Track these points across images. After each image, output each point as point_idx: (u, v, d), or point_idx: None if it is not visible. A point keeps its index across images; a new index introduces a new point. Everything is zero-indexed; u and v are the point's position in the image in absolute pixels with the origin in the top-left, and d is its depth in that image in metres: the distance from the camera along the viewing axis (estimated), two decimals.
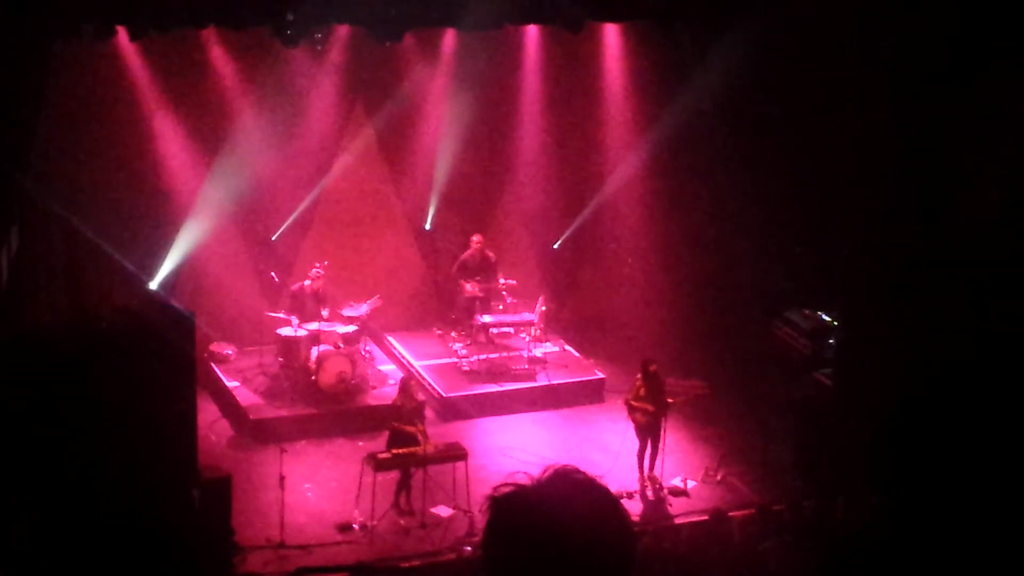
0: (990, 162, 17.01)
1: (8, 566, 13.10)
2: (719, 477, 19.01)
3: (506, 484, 3.21)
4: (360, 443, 19.30)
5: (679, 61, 21.47)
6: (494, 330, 22.23)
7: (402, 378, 19.22)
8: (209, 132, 21.27)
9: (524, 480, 3.21)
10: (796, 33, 19.34)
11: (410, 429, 17.66)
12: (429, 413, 19.13)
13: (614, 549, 3.14)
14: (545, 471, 3.23)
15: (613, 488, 3.29)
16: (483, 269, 22.37)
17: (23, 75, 17.64)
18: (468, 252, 22.42)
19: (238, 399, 20.44)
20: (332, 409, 20.19)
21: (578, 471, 3.24)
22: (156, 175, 20.88)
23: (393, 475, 17.69)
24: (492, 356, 21.92)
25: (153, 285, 20.43)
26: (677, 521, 17.88)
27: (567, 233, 23.97)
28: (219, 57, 20.98)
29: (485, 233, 22.88)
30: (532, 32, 22.62)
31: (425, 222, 23.57)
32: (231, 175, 21.38)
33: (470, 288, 22.17)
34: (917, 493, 14.90)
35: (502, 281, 22.29)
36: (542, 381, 21.60)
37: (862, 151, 18.65)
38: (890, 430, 15.83)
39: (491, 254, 22.49)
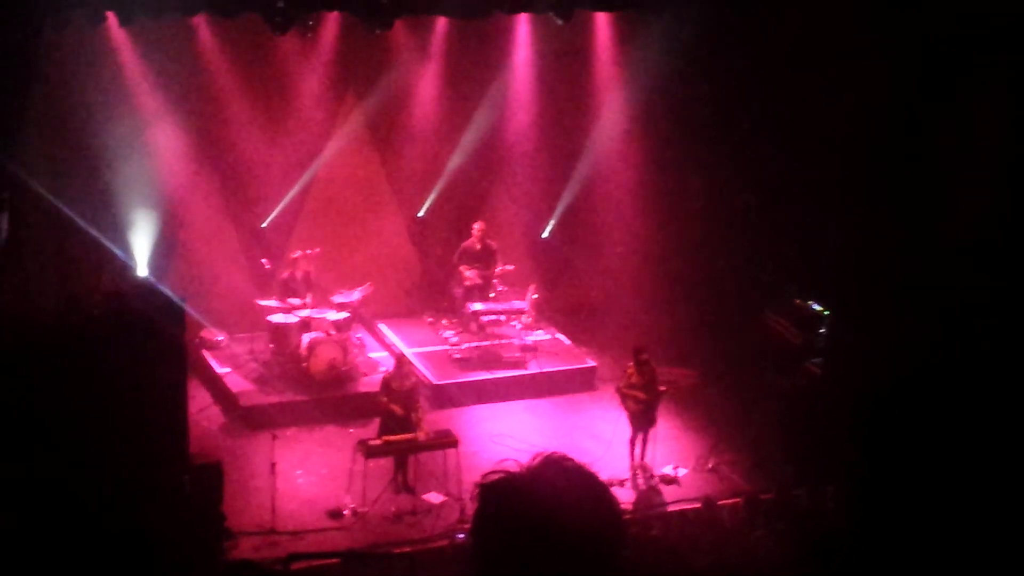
0: (981, 150, 17.03)
1: None
2: (710, 465, 19.03)
3: (495, 471, 3.21)
4: (351, 430, 19.29)
5: (670, 51, 21.43)
6: (485, 318, 22.23)
7: (398, 355, 19.30)
8: (201, 121, 21.25)
9: (513, 467, 3.22)
10: (785, 26, 19.37)
11: (396, 409, 17.68)
12: (420, 400, 19.11)
13: (602, 536, 3.15)
14: (534, 458, 3.23)
15: (604, 476, 3.30)
16: (484, 257, 22.37)
17: (12, 61, 17.60)
18: (469, 240, 22.41)
19: (229, 386, 20.44)
20: (323, 396, 20.18)
21: (567, 458, 3.24)
22: (146, 162, 20.82)
23: (384, 462, 17.71)
24: (483, 344, 21.92)
25: (144, 272, 20.41)
26: (668, 509, 17.90)
27: (554, 220, 23.96)
28: (209, 44, 20.95)
29: (477, 221, 22.87)
30: (522, 20, 22.59)
31: (417, 210, 23.58)
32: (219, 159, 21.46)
33: (470, 275, 22.17)
34: (907, 482, 14.92)
35: (499, 268, 22.30)
36: (533, 369, 21.61)
37: (855, 141, 18.65)
38: (880, 420, 15.84)
39: (492, 243, 22.48)
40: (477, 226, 22.43)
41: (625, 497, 17.90)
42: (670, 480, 18.59)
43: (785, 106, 19.92)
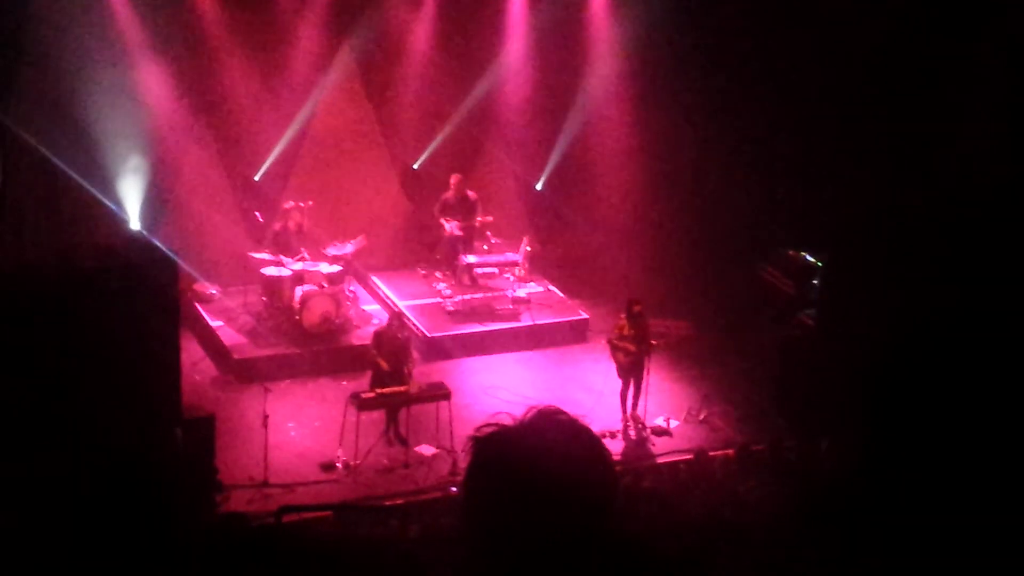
0: (982, 106, 17.00)
1: None
2: (702, 417, 19.06)
3: (488, 424, 3.20)
4: (344, 383, 19.32)
5: (665, 4, 21.34)
6: (478, 270, 22.23)
7: (396, 312, 19.33)
8: (193, 72, 21.17)
9: (506, 420, 3.21)
10: None
11: (383, 364, 17.72)
12: (413, 354, 19.13)
13: (595, 489, 3.15)
14: (528, 411, 3.22)
15: (596, 427, 3.30)
16: (463, 208, 22.36)
17: (4, 13, 17.52)
18: (448, 192, 22.39)
19: (222, 339, 20.43)
20: (316, 349, 20.18)
21: (560, 411, 3.24)
22: (139, 114, 20.73)
23: (376, 415, 17.74)
24: (476, 296, 21.92)
25: (136, 225, 20.36)
26: (659, 460, 17.95)
27: (547, 171, 23.91)
28: None
29: (470, 174, 22.88)
30: None
31: (411, 162, 23.55)
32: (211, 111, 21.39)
33: (450, 228, 22.18)
34: (898, 434, 14.96)
35: (479, 220, 22.28)
36: (526, 321, 21.62)
37: (851, 93, 18.62)
38: (873, 371, 15.87)
39: (471, 193, 22.46)
40: (454, 178, 22.42)
41: (617, 448, 17.96)
42: (662, 432, 18.63)
43: (781, 56, 19.87)
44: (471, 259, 22.11)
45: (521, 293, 22.00)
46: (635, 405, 18.62)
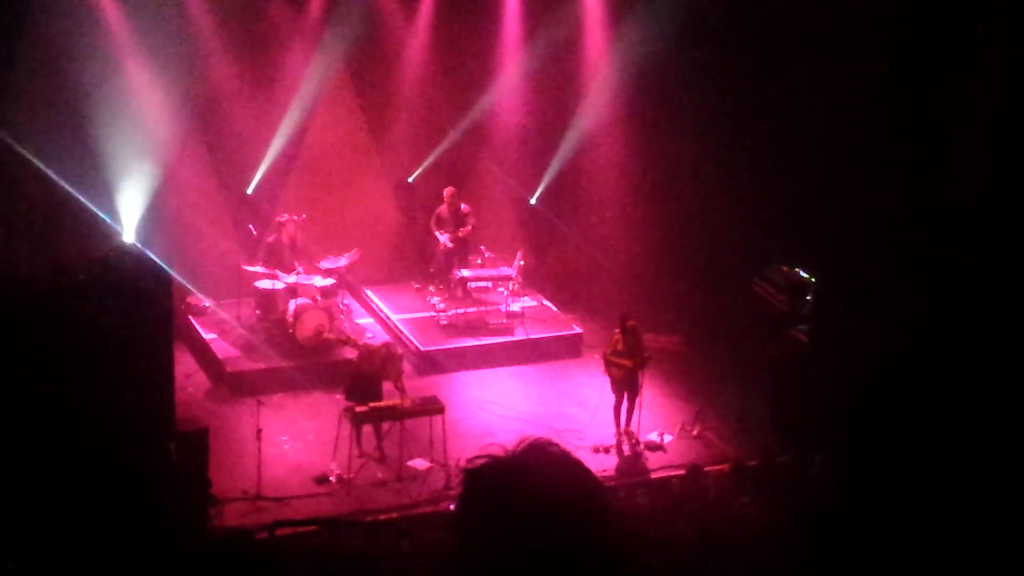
0: (977, 119, 17.00)
1: None
2: (695, 432, 19.06)
3: (480, 456, 3.20)
4: (337, 396, 19.25)
5: (662, 17, 21.38)
6: (472, 284, 22.25)
7: (389, 343, 19.37)
8: (188, 85, 21.17)
9: (498, 452, 3.21)
10: None
11: (369, 369, 17.71)
12: (407, 367, 19.15)
13: (587, 522, 3.15)
14: (519, 443, 3.22)
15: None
16: (456, 221, 22.40)
17: (1, 26, 17.53)
18: (442, 206, 22.44)
19: (215, 351, 20.43)
20: (309, 362, 20.17)
21: (552, 443, 3.24)
22: (134, 127, 20.72)
23: (369, 428, 17.75)
24: (470, 310, 21.92)
25: (130, 237, 20.34)
26: (653, 476, 17.94)
27: (542, 186, 23.94)
28: (198, 8, 20.87)
29: (465, 187, 22.90)
30: None
31: (405, 175, 23.58)
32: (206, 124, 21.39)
33: (443, 240, 22.21)
34: (892, 449, 14.95)
35: (461, 231, 22.30)
36: (520, 335, 21.62)
37: (844, 108, 18.63)
38: (866, 387, 15.87)
39: (464, 206, 22.49)
40: (447, 191, 22.47)
41: (610, 464, 17.96)
42: (655, 447, 18.62)
43: (777, 71, 19.90)
44: (465, 273, 22.13)
45: (515, 307, 22.00)
46: (629, 420, 18.62)
